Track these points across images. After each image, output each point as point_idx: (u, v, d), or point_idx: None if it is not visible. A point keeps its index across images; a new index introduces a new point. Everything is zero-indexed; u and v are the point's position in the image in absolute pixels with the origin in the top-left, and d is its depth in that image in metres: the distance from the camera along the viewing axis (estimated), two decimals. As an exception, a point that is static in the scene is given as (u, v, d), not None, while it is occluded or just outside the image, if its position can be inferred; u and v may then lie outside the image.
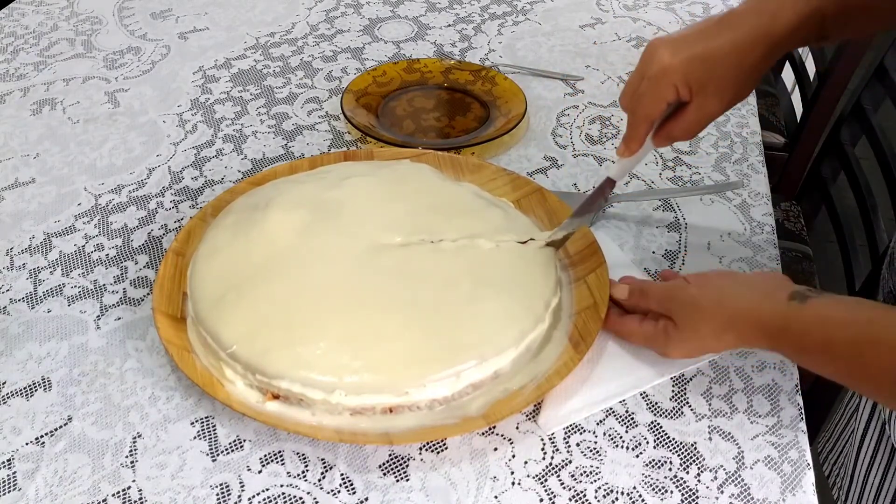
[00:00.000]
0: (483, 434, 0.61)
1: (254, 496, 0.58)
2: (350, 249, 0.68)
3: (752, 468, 0.59)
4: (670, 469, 0.59)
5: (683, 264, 0.76)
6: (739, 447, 0.60)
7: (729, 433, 0.61)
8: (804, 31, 0.59)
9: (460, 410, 0.60)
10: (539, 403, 0.62)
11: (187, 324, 0.67)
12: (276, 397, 0.61)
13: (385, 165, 0.79)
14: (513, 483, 0.58)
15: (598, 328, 0.64)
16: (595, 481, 0.58)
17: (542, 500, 0.57)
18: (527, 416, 0.62)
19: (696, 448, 0.60)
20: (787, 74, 1.58)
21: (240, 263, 0.67)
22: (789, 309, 0.54)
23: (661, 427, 0.62)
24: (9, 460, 0.60)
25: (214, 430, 0.62)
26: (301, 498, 0.57)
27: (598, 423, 0.62)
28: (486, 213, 0.73)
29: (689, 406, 0.63)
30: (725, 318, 0.57)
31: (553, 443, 0.61)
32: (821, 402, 0.99)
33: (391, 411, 0.60)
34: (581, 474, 0.59)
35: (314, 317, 0.63)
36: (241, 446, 0.61)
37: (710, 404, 0.63)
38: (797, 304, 0.54)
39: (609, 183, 0.70)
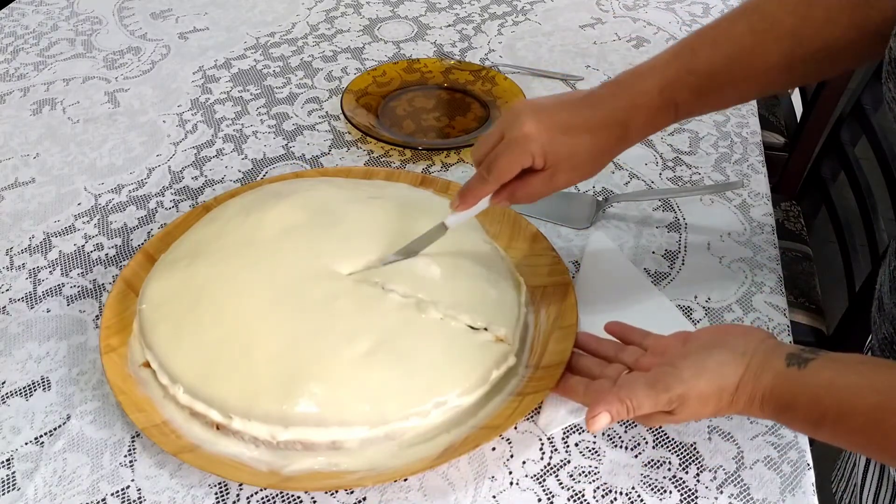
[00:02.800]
0: (482, 434, 0.61)
1: (252, 495, 0.58)
2: (300, 272, 0.65)
3: (751, 468, 0.59)
4: (669, 469, 0.59)
5: (683, 264, 0.76)
6: (739, 447, 0.60)
7: (728, 433, 0.61)
8: (658, 121, 0.61)
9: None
10: (539, 405, 0.62)
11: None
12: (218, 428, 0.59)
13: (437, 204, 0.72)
14: (511, 483, 0.58)
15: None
16: (594, 481, 0.58)
17: (540, 500, 0.57)
18: (526, 416, 0.62)
19: (695, 448, 0.60)
20: (788, 74, 1.57)
21: (188, 288, 0.65)
22: (790, 375, 0.50)
23: (660, 427, 0.62)
24: (8, 460, 0.60)
25: (213, 429, 0.62)
26: (299, 497, 0.57)
27: (597, 423, 0.62)
28: (470, 285, 0.66)
29: (689, 406, 0.63)
30: (726, 397, 0.52)
31: (552, 443, 0.61)
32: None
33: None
34: (579, 474, 0.59)
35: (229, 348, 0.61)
36: (240, 446, 0.60)
37: (709, 404, 0.63)
38: (797, 371, 0.49)
39: (443, 227, 0.66)
